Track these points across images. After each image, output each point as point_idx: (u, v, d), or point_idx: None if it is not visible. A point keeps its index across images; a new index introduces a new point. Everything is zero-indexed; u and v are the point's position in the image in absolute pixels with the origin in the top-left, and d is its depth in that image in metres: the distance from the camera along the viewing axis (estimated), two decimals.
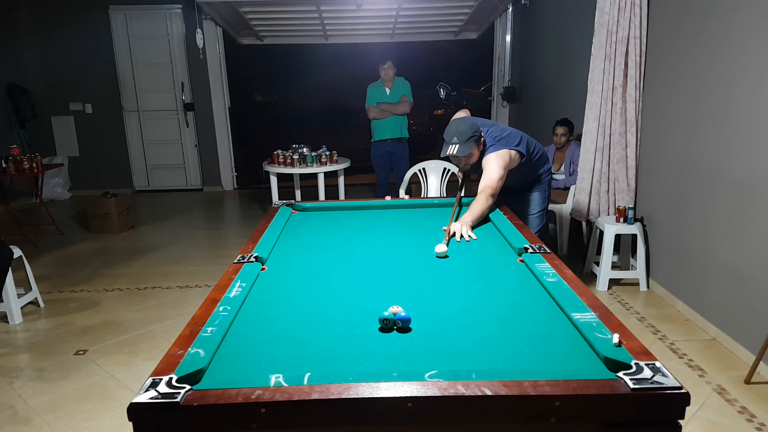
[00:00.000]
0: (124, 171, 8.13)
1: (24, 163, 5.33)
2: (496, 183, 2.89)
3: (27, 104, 7.48)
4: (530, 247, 2.15)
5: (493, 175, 2.91)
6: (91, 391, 2.85)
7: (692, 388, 2.69)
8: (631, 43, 3.87)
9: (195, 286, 4.29)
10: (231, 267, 2.03)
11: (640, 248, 3.92)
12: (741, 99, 2.95)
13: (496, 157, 2.97)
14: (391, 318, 1.54)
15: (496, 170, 2.93)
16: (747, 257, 2.94)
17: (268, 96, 11.53)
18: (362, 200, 3.34)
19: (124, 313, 3.82)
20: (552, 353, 1.42)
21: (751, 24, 2.85)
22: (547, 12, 6.29)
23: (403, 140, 5.83)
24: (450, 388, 1.20)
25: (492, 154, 2.99)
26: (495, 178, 2.90)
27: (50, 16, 7.55)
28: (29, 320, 3.73)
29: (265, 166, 5.85)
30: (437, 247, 2.26)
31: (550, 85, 6.15)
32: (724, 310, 3.17)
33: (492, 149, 3.02)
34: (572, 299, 1.67)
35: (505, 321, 1.62)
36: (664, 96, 3.74)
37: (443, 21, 7.59)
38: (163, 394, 1.20)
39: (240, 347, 1.48)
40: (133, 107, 7.96)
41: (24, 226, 5.73)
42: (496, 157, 2.97)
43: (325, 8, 6.44)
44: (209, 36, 7.65)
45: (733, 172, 3.03)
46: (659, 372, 1.24)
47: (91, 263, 4.93)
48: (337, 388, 1.21)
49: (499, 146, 3.02)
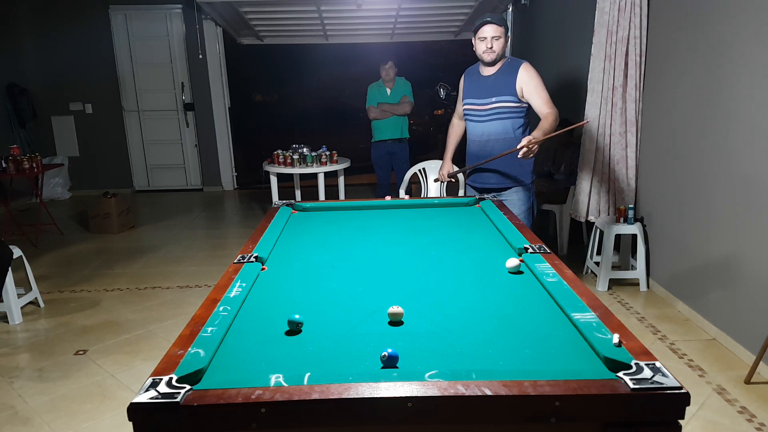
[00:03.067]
0: (124, 171, 8.13)
1: (24, 163, 5.33)
2: (551, 103, 3.08)
3: (27, 104, 7.49)
4: (530, 247, 2.15)
5: (546, 95, 3.10)
6: (91, 391, 2.85)
7: (692, 388, 2.69)
8: (631, 43, 3.87)
9: (195, 286, 4.29)
10: (231, 267, 2.02)
11: (640, 248, 3.92)
12: (741, 99, 2.95)
13: (535, 73, 3.13)
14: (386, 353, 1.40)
15: (544, 89, 3.12)
16: (747, 257, 2.94)
17: (268, 96, 11.53)
18: (362, 200, 3.34)
19: (124, 313, 3.82)
20: (552, 353, 1.42)
21: (751, 24, 2.85)
22: (547, 12, 6.28)
23: (404, 140, 5.83)
24: (450, 388, 1.20)
25: (530, 72, 3.13)
26: (549, 98, 3.10)
27: (50, 16, 7.55)
28: (29, 320, 3.73)
29: (265, 166, 5.85)
30: (509, 261, 2.01)
31: (550, 85, 6.14)
32: (724, 310, 3.17)
33: (516, 62, 3.19)
34: (572, 299, 1.67)
35: (505, 321, 1.62)
36: (664, 96, 3.74)
37: (443, 21, 7.59)
38: (163, 394, 1.20)
39: (240, 347, 1.48)
40: (133, 107, 7.96)
41: (24, 226, 5.73)
42: (536, 74, 3.13)
43: (325, 8, 6.44)
44: (209, 36, 7.65)
45: (734, 171, 3.03)
46: (659, 372, 1.24)
47: (91, 263, 4.93)
48: (337, 388, 1.21)
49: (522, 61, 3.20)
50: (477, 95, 3.23)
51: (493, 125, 3.19)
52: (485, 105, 3.19)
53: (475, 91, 3.24)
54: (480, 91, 3.21)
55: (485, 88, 3.19)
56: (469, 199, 3.06)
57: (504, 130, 3.18)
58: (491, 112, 3.18)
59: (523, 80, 3.10)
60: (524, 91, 3.10)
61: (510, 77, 3.13)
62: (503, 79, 3.15)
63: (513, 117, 3.17)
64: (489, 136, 3.21)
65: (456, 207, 3.01)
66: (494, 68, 3.18)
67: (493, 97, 3.16)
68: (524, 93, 3.11)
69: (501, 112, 3.16)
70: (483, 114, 3.21)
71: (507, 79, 3.13)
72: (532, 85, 3.08)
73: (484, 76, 3.22)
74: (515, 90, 3.12)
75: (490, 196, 3.11)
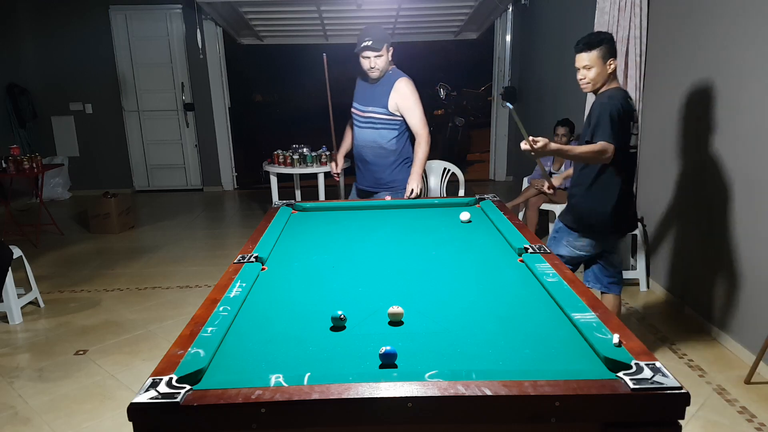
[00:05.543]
0: (124, 171, 8.12)
1: (24, 163, 5.33)
2: (423, 123, 3.23)
3: (27, 104, 7.48)
4: (530, 247, 2.15)
5: (420, 114, 3.24)
6: (91, 391, 2.85)
7: (692, 388, 2.69)
8: (631, 43, 3.87)
9: (195, 286, 4.29)
10: (231, 267, 2.02)
11: (640, 248, 3.92)
12: (741, 99, 2.95)
13: (410, 91, 3.24)
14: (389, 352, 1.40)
15: (418, 108, 3.24)
16: (747, 257, 2.94)
17: (268, 96, 11.52)
18: (362, 200, 3.34)
19: (124, 313, 3.82)
20: (552, 353, 1.42)
21: (751, 24, 2.85)
22: (547, 12, 6.28)
23: None
24: (450, 388, 1.20)
25: (405, 90, 3.23)
26: (422, 118, 3.24)
27: (50, 16, 7.54)
28: (29, 320, 3.73)
29: (265, 166, 5.85)
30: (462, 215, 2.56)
31: (551, 85, 6.15)
32: (724, 310, 3.17)
33: (400, 74, 3.27)
34: (572, 299, 1.67)
35: (505, 321, 1.62)
36: (664, 96, 3.74)
37: (443, 21, 7.59)
38: (163, 394, 1.20)
39: (240, 347, 1.48)
40: (133, 107, 7.95)
41: (24, 226, 5.73)
42: (410, 93, 3.24)
43: (325, 8, 6.44)
44: (209, 36, 7.65)
45: (733, 172, 3.03)
46: (659, 372, 1.24)
47: (91, 263, 4.93)
48: (337, 388, 1.21)
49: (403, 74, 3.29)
50: (359, 101, 3.38)
51: (367, 132, 3.36)
52: (363, 112, 3.36)
53: (360, 97, 3.39)
54: (363, 98, 3.37)
55: (366, 95, 3.34)
56: (469, 199, 3.06)
57: (373, 139, 3.35)
58: (366, 119, 3.35)
59: (397, 96, 3.25)
60: (399, 108, 3.26)
61: (385, 90, 3.27)
62: (380, 90, 3.29)
63: (384, 128, 3.32)
64: (363, 141, 3.39)
65: (456, 207, 3.01)
66: (377, 78, 3.31)
67: (370, 106, 3.32)
68: (399, 109, 3.26)
69: (373, 121, 3.32)
70: (360, 120, 3.40)
71: (383, 91, 3.28)
72: (406, 105, 3.25)
73: (369, 84, 3.36)
74: (387, 103, 3.26)
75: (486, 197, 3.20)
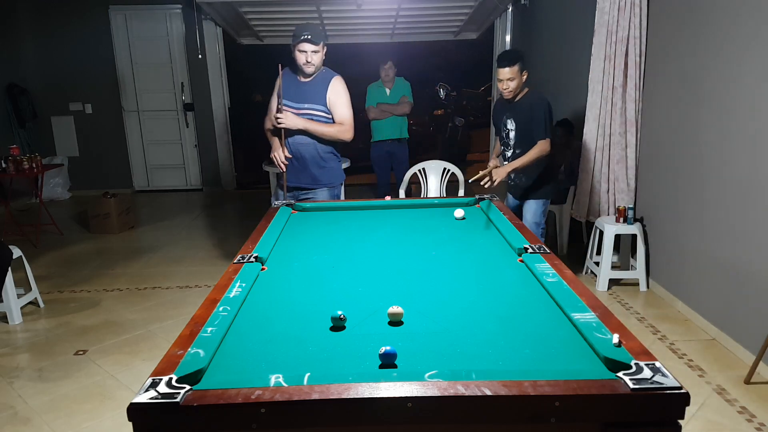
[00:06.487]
0: (124, 171, 8.12)
1: (24, 163, 5.33)
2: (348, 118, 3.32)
3: (27, 104, 7.48)
4: (530, 247, 2.15)
5: (348, 111, 3.32)
6: (91, 391, 2.85)
7: (692, 388, 2.69)
8: (631, 43, 3.87)
9: (195, 286, 4.29)
10: (231, 267, 2.02)
11: (640, 248, 3.93)
12: (741, 98, 2.95)
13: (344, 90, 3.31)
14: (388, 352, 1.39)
15: (347, 106, 3.33)
16: (747, 257, 2.94)
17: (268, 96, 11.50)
18: (362, 200, 3.34)
19: (124, 313, 3.82)
20: (552, 353, 1.42)
21: (751, 24, 2.85)
22: (547, 12, 6.28)
23: (403, 141, 5.82)
24: (450, 388, 1.20)
25: (340, 87, 3.30)
26: (349, 114, 3.33)
27: (50, 16, 7.54)
28: (29, 320, 3.73)
29: (265, 166, 5.84)
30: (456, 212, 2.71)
31: (550, 85, 6.15)
32: (724, 310, 3.17)
33: (334, 73, 3.34)
34: (572, 299, 1.67)
35: (505, 321, 1.62)
36: (664, 96, 3.74)
37: (443, 21, 7.58)
38: (163, 395, 1.20)
39: (240, 347, 1.48)
40: (133, 107, 7.95)
41: (24, 226, 5.73)
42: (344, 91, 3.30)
43: (325, 8, 6.44)
44: (209, 36, 7.65)
45: (733, 171, 3.03)
46: (659, 372, 1.24)
47: (91, 263, 4.93)
48: (337, 388, 1.21)
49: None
50: (293, 98, 3.39)
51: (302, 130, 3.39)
52: (299, 109, 3.37)
53: (292, 94, 3.39)
54: (296, 95, 3.38)
55: (300, 93, 3.36)
56: (469, 199, 3.07)
57: (312, 136, 3.38)
58: (302, 117, 3.36)
59: (332, 92, 3.32)
60: (330, 101, 3.32)
61: (322, 87, 3.32)
62: (317, 88, 3.34)
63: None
64: (302, 139, 3.40)
65: (456, 207, 3.01)
66: (311, 76, 3.36)
67: (306, 104, 3.35)
68: (329, 103, 3.33)
69: (311, 118, 3.34)
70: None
71: (320, 88, 3.33)
72: (339, 101, 3.33)
73: (301, 81, 3.38)
74: (325, 100, 3.32)
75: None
